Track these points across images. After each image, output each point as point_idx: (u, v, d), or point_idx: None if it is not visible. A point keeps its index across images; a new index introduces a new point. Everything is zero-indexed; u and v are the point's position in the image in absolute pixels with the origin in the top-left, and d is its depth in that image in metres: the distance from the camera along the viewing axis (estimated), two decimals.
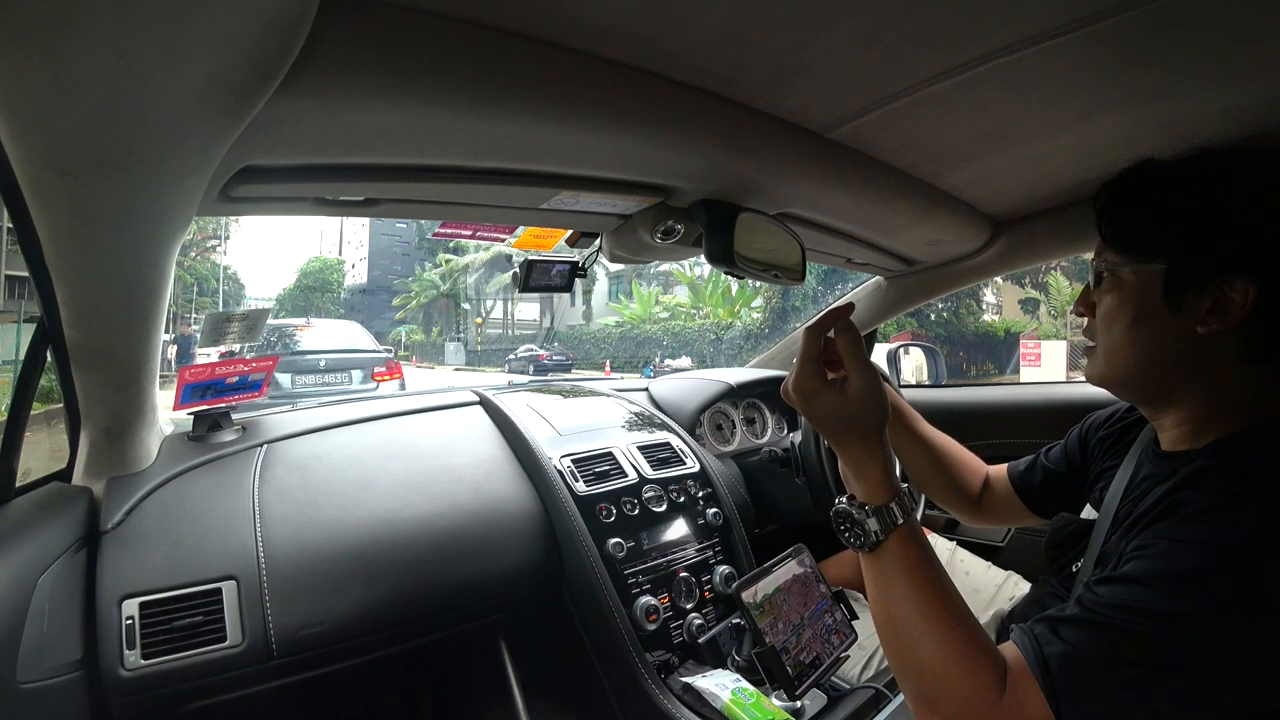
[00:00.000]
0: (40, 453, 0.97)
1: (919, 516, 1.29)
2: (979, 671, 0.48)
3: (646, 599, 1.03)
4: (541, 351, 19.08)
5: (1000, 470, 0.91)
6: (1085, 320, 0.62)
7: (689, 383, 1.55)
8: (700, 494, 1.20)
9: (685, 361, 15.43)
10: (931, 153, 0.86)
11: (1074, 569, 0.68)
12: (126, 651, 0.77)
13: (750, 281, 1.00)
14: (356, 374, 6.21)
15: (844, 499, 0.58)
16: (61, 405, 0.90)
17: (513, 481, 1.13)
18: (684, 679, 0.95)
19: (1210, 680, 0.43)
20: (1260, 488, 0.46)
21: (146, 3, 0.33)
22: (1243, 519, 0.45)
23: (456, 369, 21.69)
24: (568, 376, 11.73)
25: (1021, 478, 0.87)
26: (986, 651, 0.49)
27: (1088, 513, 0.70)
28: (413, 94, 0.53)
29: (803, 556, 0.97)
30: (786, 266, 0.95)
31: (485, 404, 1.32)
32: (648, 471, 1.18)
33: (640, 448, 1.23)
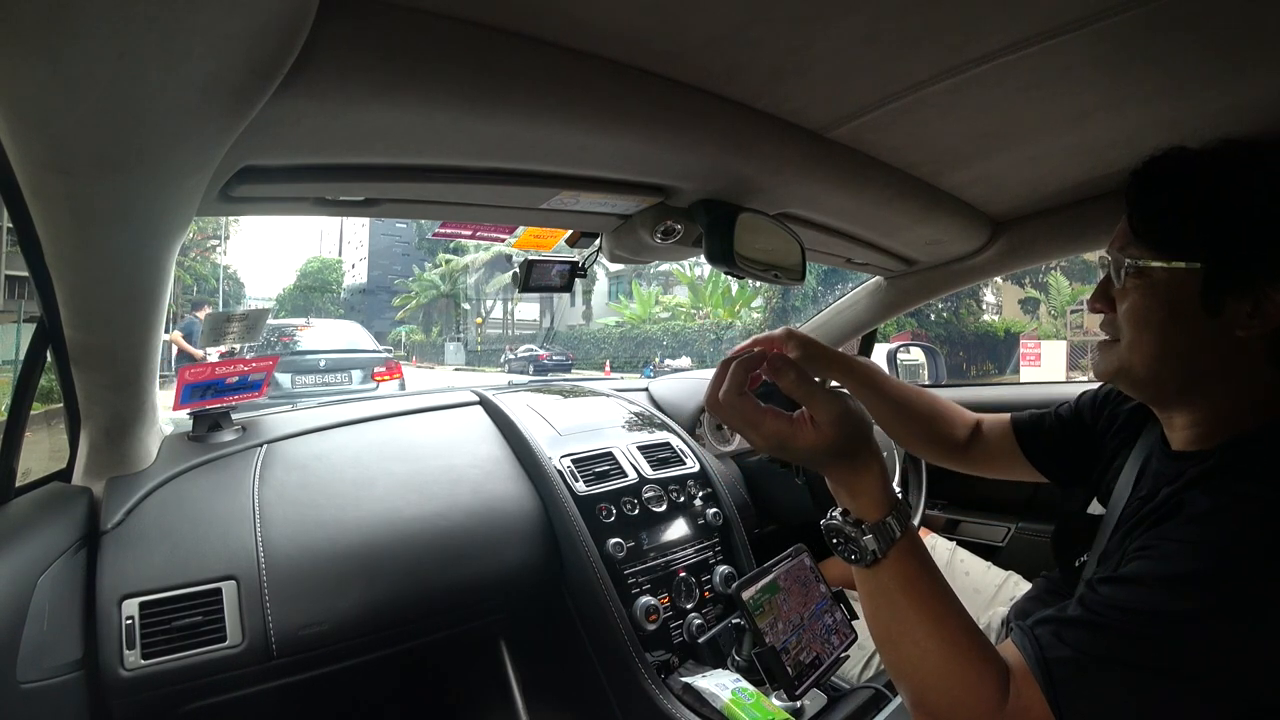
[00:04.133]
0: (40, 453, 0.97)
1: (917, 519, 1.29)
2: (984, 682, 0.48)
3: (646, 599, 1.03)
4: (541, 351, 19.09)
5: (998, 419, 0.88)
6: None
7: (689, 383, 1.55)
8: (700, 494, 1.20)
9: (685, 361, 15.43)
10: (931, 153, 0.86)
11: (1078, 564, 0.68)
12: (126, 651, 0.77)
13: (750, 281, 1.00)
14: (356, 374, 6.21)
15: (836, 512, 0.54)
16: (61, 405, 0.90)
17: (513, 481, 1.13)
18: (684, 679, 0.95)
19: (1212, 682, 0.43)
20: (1265, 486, 0.46)
21: (146, 3, 0.33)
22: (1246, 519, 0.45)
23: (456, 369, 21.70)
24: (568, 376, 11.73)
25: (1026, 424, 0.84)
26: (990, 660, 0.49)
27: (1094, 507, 0.70)
28: (413, 94, 0.53)
29: (803, 557, 0.97)
30: (786, 266, 0.95)
31: (485, 404, 1.32)
32: (648, 471, 1.18)
33: (640, 448, 1.23)
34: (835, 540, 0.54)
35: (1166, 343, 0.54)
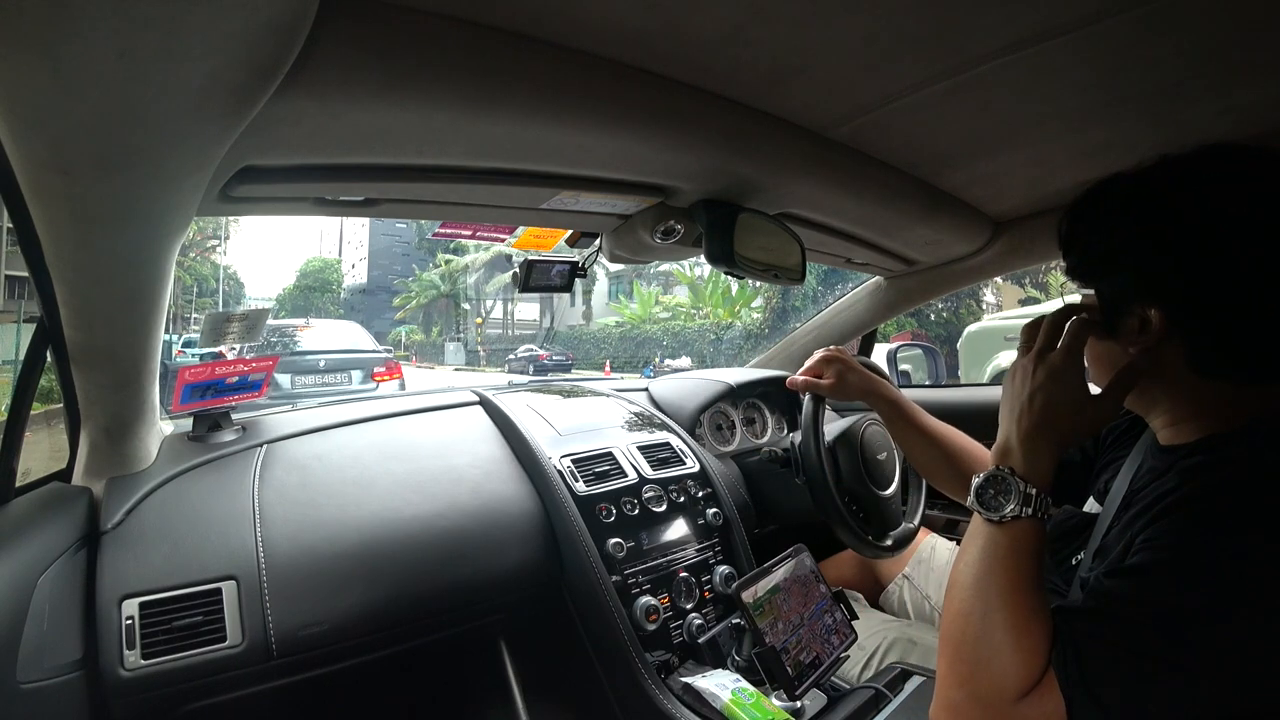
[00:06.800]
0: (40, 453, 0.97)
1: (917, 519, 1.29)
2: (1032, 659, 0.48)
3: (646, 599, 1.03)
4: (541, 351, 19.09)
5: None
6: None
7: (689, 383, 1.55)
8: (700, 494, 1.20)
9: (685, 361, 15.43)
10: (931, 153, 0.86)
11: (1074, 562, 0.68)
12: (126, 651, 0.76)
13: (750, 281, 1.01)
14: (356, 374, 6.21)
15: (1008, 471, 0.55)
16: (61, 405, 0.90)
17: (513, 481, 1.13)
18: (684, 679, 0.94)
19: (1216, 672, 0.44)
20: (1265, 481, 0.47)
21: (146, 3, 0.33)
22: (1246, 515, 0.46)
23: (456, 369, 21.70)
24: (568, 376, 11.73)
25: None
26: (1047, 644, 0.49)
27: (1090, 506, 0.71)
28: (413, 94, 0.53)
29: (803, 556, 0.97)
30: (786, 266, 0.95)
31: (485, 404, 1.32)
32: (648, 471, 1.18)
33: (640, 448, 1.23)
34: (990, 489, 0.55)
35: (1098, 361, 0.59)
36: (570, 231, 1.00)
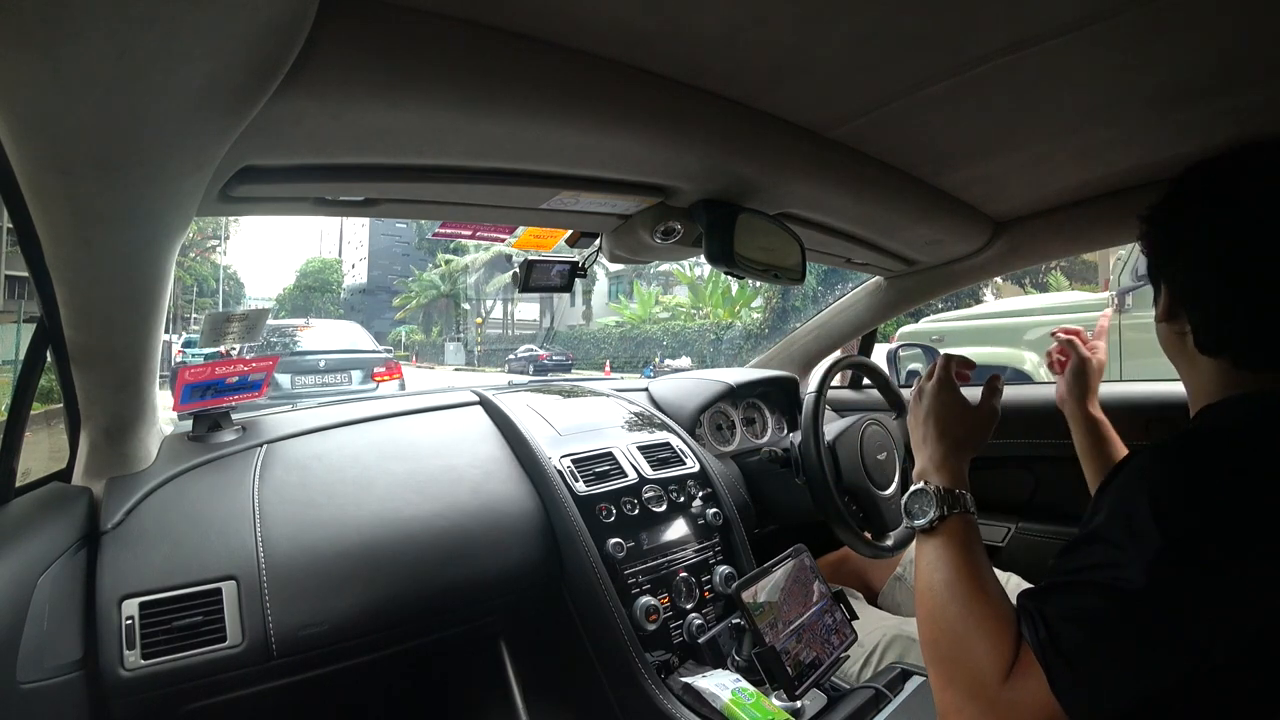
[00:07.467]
0: (40, 453, 0.97)
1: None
2: (999, 642, 0.50)
3: (646, 599, 1.03)
4: (541, 351, 19.10)
5: None
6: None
7: (689, 383, 1.55)
8: (700, 494, 1.20)
9: (685, 361, 15.43)
10: (931, 153, 0.86)
11: None
12: (126, 651, 0.76)
13: (750, 281, 1.00)
14: (356, 374, 6.20)
15: (922, 483, 0.65)
16: (61, 405, 0.90)
17: (512, 481, 1.13)
18: (684, 679, 0.94)
19: (1166, 625, 0.44)
20: (1228, 452, 0.48)
21: (146, 3, 0.33)
22: (1200, 478, 0.47)
23: (456, 369, 21.71)
24: (568, 376, 11.72)
25: None
26: (1009, 625, 0.51)
27: None
28: (413, 94, 0.53)
29: (803, 557, 0.97)
30: (786, 266, 0.95)
31: (485, 404, 1.32)
32: (648, 471, 1.18)
33: (640, 448, 1.23)
34: (915, 504, 0.63)
35: (1161, 339, 0.63)
36: (570, 231, 1.00)
